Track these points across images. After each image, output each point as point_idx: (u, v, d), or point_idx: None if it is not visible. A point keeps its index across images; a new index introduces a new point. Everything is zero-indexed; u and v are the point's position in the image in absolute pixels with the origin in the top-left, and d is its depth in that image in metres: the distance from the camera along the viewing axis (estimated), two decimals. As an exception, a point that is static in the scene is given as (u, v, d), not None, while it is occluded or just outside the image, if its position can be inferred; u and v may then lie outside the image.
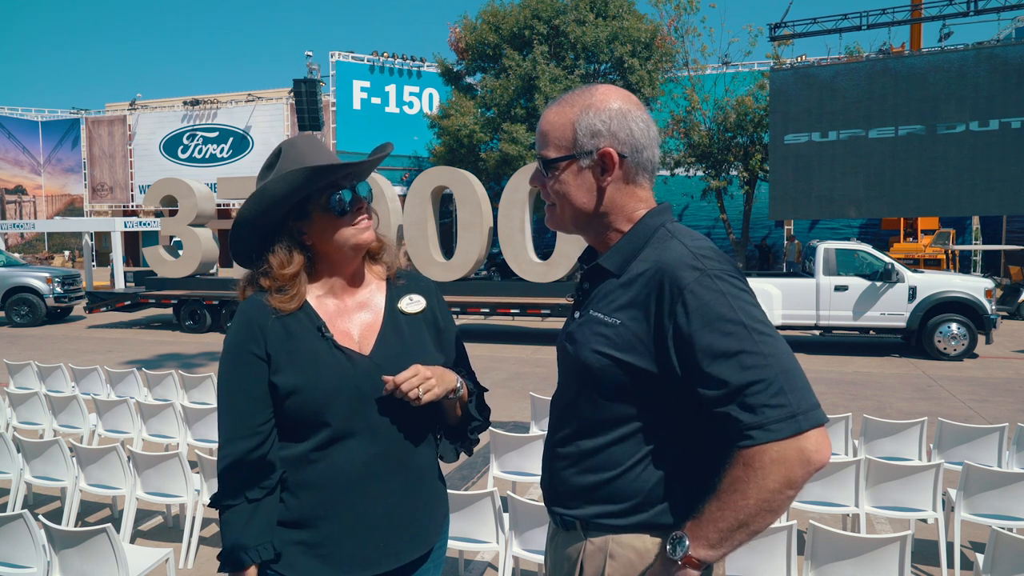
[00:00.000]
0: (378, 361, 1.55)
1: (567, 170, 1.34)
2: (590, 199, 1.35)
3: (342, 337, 1.56)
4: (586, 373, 1.30)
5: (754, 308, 1.21)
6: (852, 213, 13.34)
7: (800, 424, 1.13)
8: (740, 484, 1.15)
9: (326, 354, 1.52)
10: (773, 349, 1.17)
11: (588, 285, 1.40)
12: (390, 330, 1.61)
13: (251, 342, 1.50)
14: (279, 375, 1.49)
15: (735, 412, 1.16)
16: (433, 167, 14.33)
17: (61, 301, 15.33)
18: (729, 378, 1.16)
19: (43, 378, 6.54)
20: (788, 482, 1.13)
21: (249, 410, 1.49)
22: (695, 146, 19.80)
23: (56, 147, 32.87)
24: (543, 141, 1.36)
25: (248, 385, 1.50)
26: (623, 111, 1.32)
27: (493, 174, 20.71)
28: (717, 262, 1.24)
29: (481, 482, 4.99)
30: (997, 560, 2.63)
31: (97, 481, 3.99)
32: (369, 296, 1.65)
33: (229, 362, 1.53)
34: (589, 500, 1.32)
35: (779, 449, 1.13)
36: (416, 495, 1.60)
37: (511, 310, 12.22)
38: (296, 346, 1.51)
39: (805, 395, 1.16)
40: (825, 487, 3.61)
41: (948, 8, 14.81)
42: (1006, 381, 8.81)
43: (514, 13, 20.71)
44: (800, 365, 1.20)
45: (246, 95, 29.96)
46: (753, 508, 1.14)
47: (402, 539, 1.57)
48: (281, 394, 1.49)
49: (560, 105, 1.36)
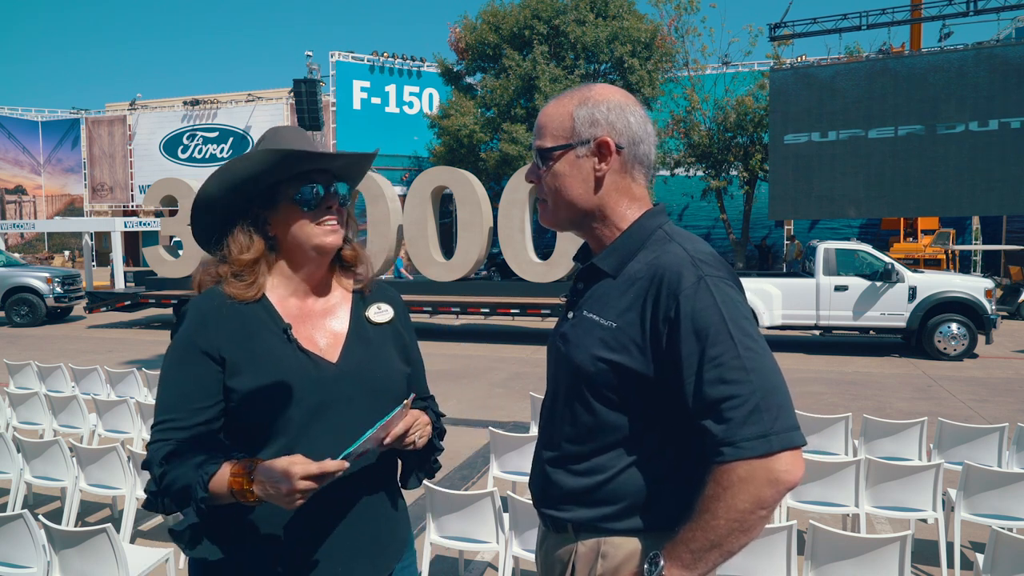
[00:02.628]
0: (345, 368, 1.46)
1: (563, 159, 1.32)
2: (586, 190, 1.33)
3: (306, 342, 1.46)
4: (579, 375, 1.29)
5: (746, 321, 1.20)
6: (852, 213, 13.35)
7: (772, 444, 1.11)
8: (711, 503, 1.14)
9: (289, 357, 1.42)
10: (756, 365, 1.15)
11: (582, 285, 1.39)
12: (356, 338, 1.51)
13: (201, 339, 1.39)
14: (236, 378, 1.37)
15: (710, 425, 1.15)
16: (433, 167, 14.33)
17: (61, 301, 15.33)
18: (708, 390, 1.15)
19: (43, 378, 6.54)
20: (757, 502, 1.11)
21: (186, 414, 1.36)
22: (695, 146, 19.80)
23: (56, 147, 32.86)
24: (540, 133, 1.35)
25: (190, 387, 1.37)
26: (621, 104, 1.33)
27: (493, 174, 20.70)
28: (715, 268, 1.23)
29: (481, 482, 4.99)
30: (997, 560, 2.63)
31: (97, 481, 3.98)
32: (336, 302, 1.56)
33: (175, 359, 1.40)
34: (581, 503, 1.32)
35: (748, 468, 1.11)
36: (377, 516, 1.50)
37: (511, 310, 12.21)
38: (256, 347, 1.40)
39: (782, 415, 1.14)
40: (825, 487, 3.61)
41: (948, 8, 14.81)
42: (1006, 381, 8.81)
43: (514, 13, 20.70)
44: (784, 382, 1.18)
45: (246, 95, 29.96)
46: (724, 528, 1.13)
47: (361, 563, 1.47)
48: (237, 398, 1.37)
49: (558, 99, 1.36)
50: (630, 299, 1.26)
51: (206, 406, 1.37)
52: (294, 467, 1.22)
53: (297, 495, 1.22)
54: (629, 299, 1.26)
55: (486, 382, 8.92)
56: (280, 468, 1.23)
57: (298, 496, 1.23)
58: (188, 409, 1.36)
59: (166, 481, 1.32)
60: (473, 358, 10.67)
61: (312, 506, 1.35)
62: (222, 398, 1.39)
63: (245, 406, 1.38)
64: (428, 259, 12.79)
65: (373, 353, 1.52)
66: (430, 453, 1.60)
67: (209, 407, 1.38)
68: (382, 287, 1.65)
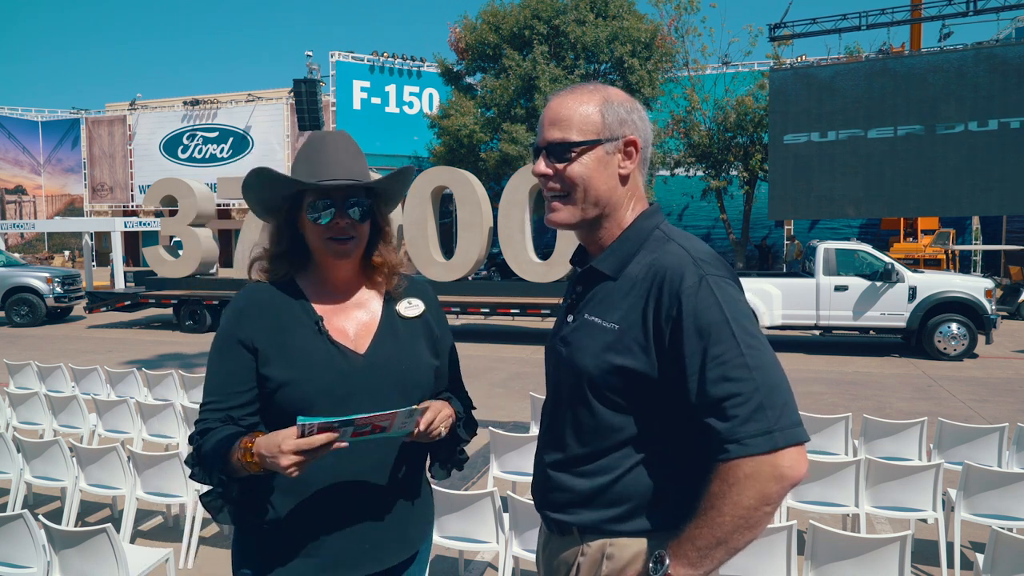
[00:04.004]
0: (372, 360, 1.54)
1: (589, 155, 1.31)
2: (611, 187, 1.33)
3: (337, 334, 1.56)
4: (582, 378, 1.29)
5: (748, 320, 1.20)
6: (851, 213, 13.31)
7: (776, 441, 1.12)
8: (716, 500, 1.14)
9: (319, 349, 1.52)
10: (759, 362, 1.16)
11: (581, 288, 1.39)
12: (386, 331, 1.60)
13: (239, 331, 1.52)
14: (268, 367, 1.49)
15: (714, 423, 1.16)
16: (433, 167, 14.33)
17: (61, 301, 15.33)
18: (711, 388, 1.16)
19: (43, 378, 6.54)
20: (763, 498, 1.12)
21: (223, 396, 1.50)
22: (695, 146, 19.80)
23: (56, 147, 32.86)
24: (564, 125, 1.31)
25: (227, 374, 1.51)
26: (636, 106, 1.36)
27: (493, 174, 20.69)
28: (716, 267, 1.24)
29: (481, 482, 4.99)
30: (997, 560, 2.63)
31: (97, 481, 3.98)
32: (367, 297, 1.64)
33: (216, 348, 1.55)
34: (585, 505, 1.32)
35: (753, 464, 1.12)
36: (403, 498, 1.59)
37: (511, 310, 12.22)
38: (288, 339, 1.51)
39: (786, 412, 1.14)
40: (825, 487, 3.62)
41: (948, 8, 14.81)
42: (1006, 381, 8.81)
43: (514, 13, 20.69)
44: (787, 379, 1.19)
45: (246, 95, 29.94)
46: (729, 525, 1.13)
47: (388, 542, 1.56)
48: (271, 386, 1.48)
49: (575, 94, 1.34)
50: (632, 301, 1.26)
51: (242, 390, 1.50)
52: (285, 442, 1.30)
53: (291, 467, 1.30)
54: (631, 301, 1.26)
55: (486, 382, 8.92)
56: (274, 441, 1.32)
57: (291, 467, 1.30)
58: (225, 393, 1.50)
59: (200, 454, 1.47)
60: (473, 358, 10.67)
61: (342, 484, 1.49)
62: (255, 384, 1.51)
63: (277, 393, 1.48)
64: (428, 259, 12.79)
65: (401, 346, 1.59)
66: (455, 444, 1.68)
67: (244, 391, 1.50)
68: (415, 283, 1.73)
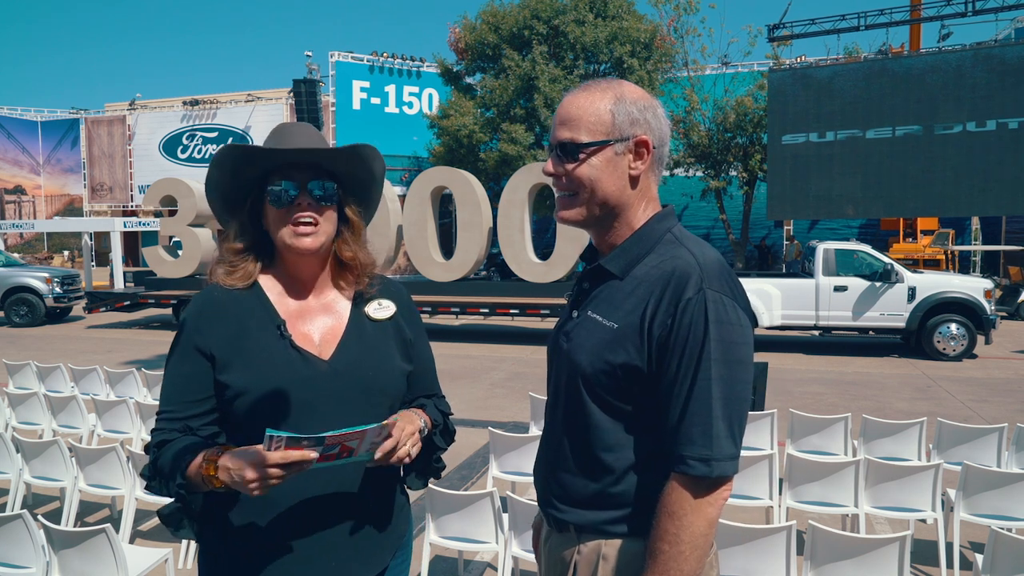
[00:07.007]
0: (337, 366, 1.45)
1: (599, 155, 1.30)
2: (620, 187, 1.32)
3: (301, 339, 1.45)
4: (581, 374, 1.30)
5: (734, 346, 1.22)
6: (850, 213, 13.33)
7: (712, 469, 1.18)
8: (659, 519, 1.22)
9: (280, 353, 1.42)
10: (723, 390, 1.20)
11: (588, 285, 1.39)
12: (353, 336, 1.50)
13: (196, 336, 1.43)
14: (226, 374, 1.40)
15: (672, 434, 1.22)
16: (433, 167, 14.33)
17: (60, 301, 15.33)
18: (673, 402, 1.22)
19: (42, 378, 6.53)
20: (699, 522, 1.20)
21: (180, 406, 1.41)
22: (694, 146, 19.82)
23: (56, 147, 32.82)
24: (574, 124, 1.30)
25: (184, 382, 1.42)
26: (652, 104, 1.33)
27: (493, 174, 20.68)
28: (718, 280, 1.24)
29: (481, 482, 4.99)
30: (996, 560, 2.64)
31: (96, 481, 3.98)
32: (335, 298, 1.54)
33: (173, 355, 1.46)
34: (583, 505, 1.33)
35: (683, 483, 1.20)
36: (375, 511, 1.49)
37: (511, 310, 12.22)
38: (247, 344, 1.42)
39: (729, 443, 1.20)
40: (824, 487, 3.61)
41: (947, 8, 14.81)
42: (1005, 381, 8.82)
43: (514, 13, 20.69)
44: (745, 413, 1.24)
45: (246, 95, 29.92)
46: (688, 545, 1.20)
47: (356, 561, 1.46)
48: (229, 394, 1.39)
49: (588, 92, 1.32)
50: (634, 302, 1.27)
51: (199, 399, 1.42)
52: (253, 458, 1.22)
53: (255, 483, 1.21)
54: (633, 302, 1.27)
55: (486, 382, 8.93)
56: (240, 458, 1.24)
57: (254, 486, 1.21)
58: (182, 402, 1.42)
59: (157, 466, 1.39)
60: (473, 358, 10.67)
61: (309, 499, 1.38)
62: (213, 393, 1.42)
63: (236, 401, 1.40)
64: (428, 259, 12.79)
65: (368, 351, 1.50)
66: (430, 454, 1.59)
67: (201, 400, 1.42)
68: (387, 283, 1.61)
